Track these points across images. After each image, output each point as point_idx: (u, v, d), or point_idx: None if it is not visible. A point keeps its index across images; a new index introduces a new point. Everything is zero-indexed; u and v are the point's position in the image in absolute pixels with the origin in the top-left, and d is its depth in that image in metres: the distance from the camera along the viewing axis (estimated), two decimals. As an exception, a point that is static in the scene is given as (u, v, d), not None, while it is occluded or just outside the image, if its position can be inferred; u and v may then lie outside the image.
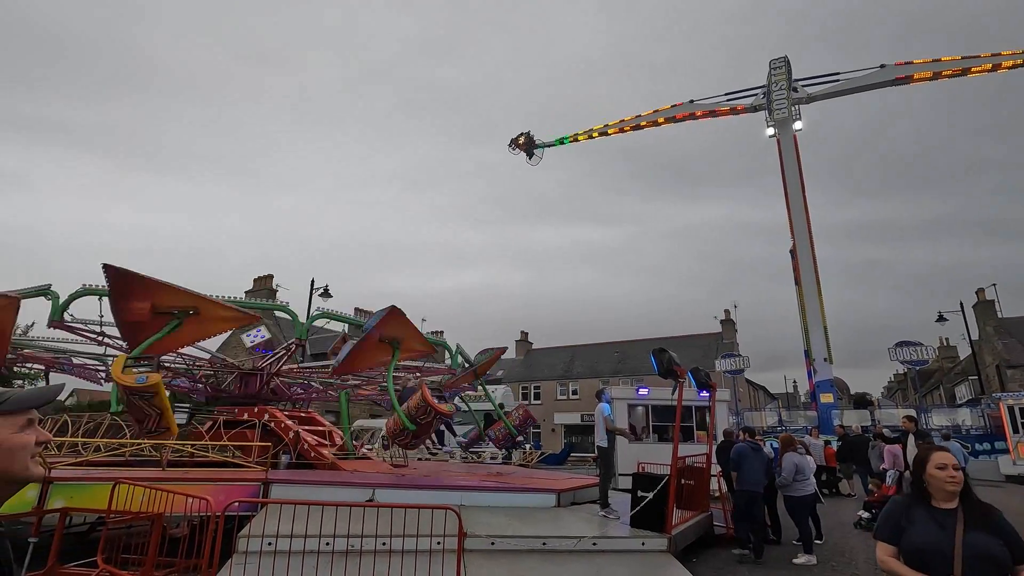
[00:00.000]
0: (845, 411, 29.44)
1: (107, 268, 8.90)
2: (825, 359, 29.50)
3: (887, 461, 11.81)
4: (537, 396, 51.39)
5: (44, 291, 10.01)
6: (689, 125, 38.14)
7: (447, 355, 14.65)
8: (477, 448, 20.38)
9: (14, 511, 6.80)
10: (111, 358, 12.27)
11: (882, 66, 32.54)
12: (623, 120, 39.98)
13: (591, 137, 41.49)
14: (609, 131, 40.39)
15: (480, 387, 15.79)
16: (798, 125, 33.63)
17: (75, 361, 13.41)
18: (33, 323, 21.72)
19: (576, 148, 42.54)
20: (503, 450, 17.90)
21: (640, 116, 39.12)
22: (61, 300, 9.89)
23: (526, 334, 59.78)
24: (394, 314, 10.27)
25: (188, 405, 11.85)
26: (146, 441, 10.29)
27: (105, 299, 9.48)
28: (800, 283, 31.54)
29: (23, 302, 9.78)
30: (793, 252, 32.46)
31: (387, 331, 10.60)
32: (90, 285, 9.85)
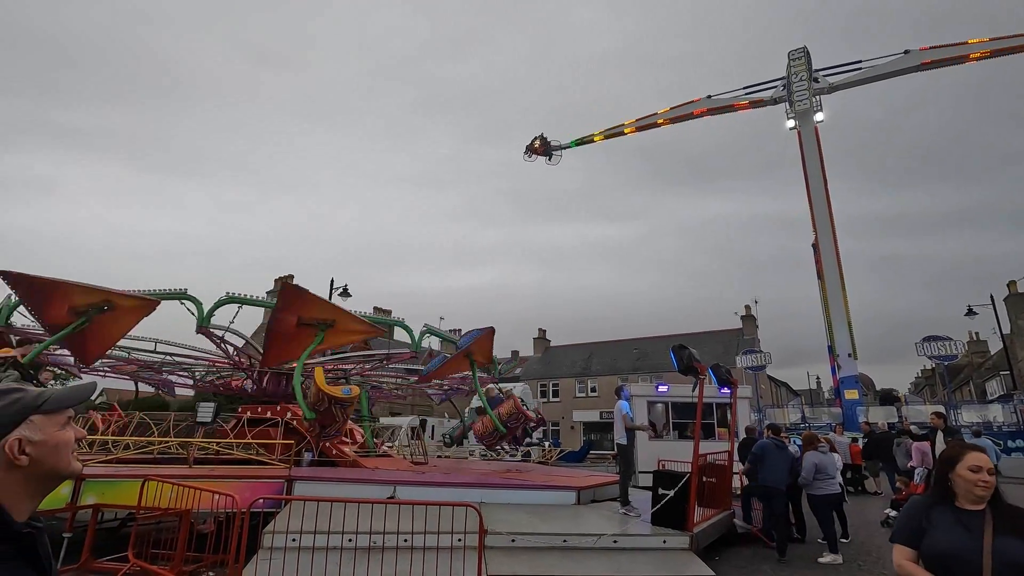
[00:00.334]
0: (871, 407, 28.85)
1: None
2: (849, 355, 28.92)
3: (915, 459, 11.55)
4: (556, 394, 51.32)
5: (183, 296, 9.99)
6: (706, 120, 37.61)
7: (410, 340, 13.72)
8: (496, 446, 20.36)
9: (49, 507, 7.01)
10: (200, 365, 12.61)
11: (906, 52, 31.69)
12: (639, 119, 39.48)
13: (607, 138, 41.05)
14: (625, 131, 39.85)
15: (495, 374, 14.87)
16: (819, 116, 32.97)
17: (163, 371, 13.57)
18: None
19: (590, 146, 42.13)
20: (493, 449, 17.49)
21: (656, 114, 38.64)
22: (206, 308, 9.97)
23: (544, 331, 59.76)
24: (489, 334, 10.74)
25: (213, 403, 12.05)
26: (172, 439, 10.55)
27: (242, 308, 10.14)
28: (823, 277, 30.94)
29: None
30: (815, 246, 31.86)
31: (305, 313, 10.10)
32: (233, 293, 10.18)
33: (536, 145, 42.20)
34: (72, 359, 11.78)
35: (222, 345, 11.39)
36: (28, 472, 1.19)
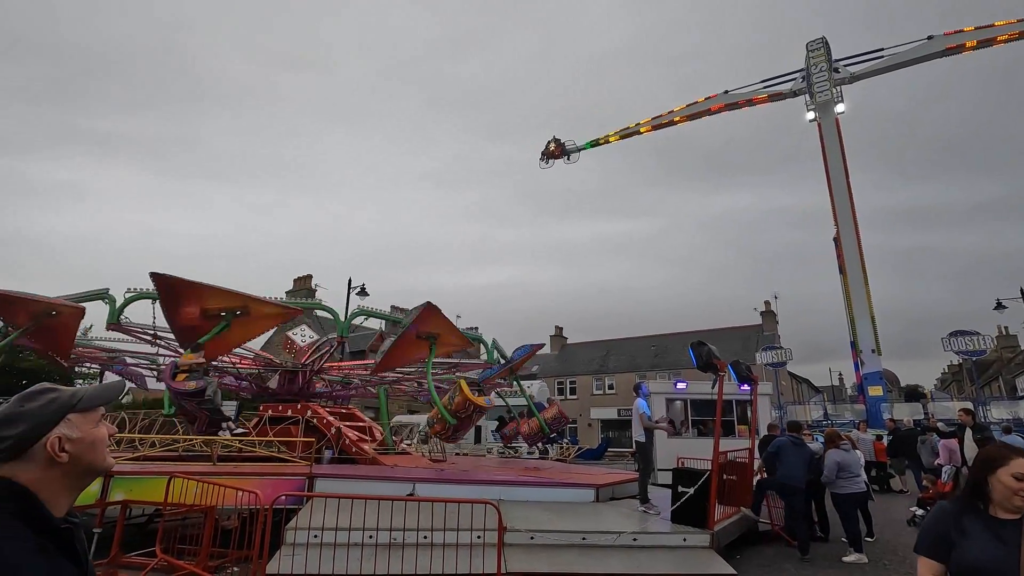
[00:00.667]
0: (895, 404, 28.28)
1: (155, 277, 9.31)
2: (873, 350, 28.36)
3: (942, 456, 11.30)
4: (573, 391, 51.22)
5: (102, 295, 10.64)
6: (722, 115, 37.04)
7: (483, 350, 14.66)
8: (514, 443, 20.41)
9: (81, 503, 7.18)
10: (163, 359, 12.87)
11: (930, 37, 30.81)
12: (654, 118, 38.86)
13: (622, 137, 40.49)
14: (641, 130, 39.22)
15: (515, 383, 15.78)
16: (840, 108, 32.30)
17: (129, 361, 14.09)
18: (92, 325, 22.86)
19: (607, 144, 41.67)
20: (534, 447, 17.84)
21: (673, 112, 38.05)
22: (117, 304, 10.44)
23: (560, 328, 59.63)
24: (430, 310, 10.40)
25: (236, 402, 12.31)
26: (196, 437, 10.76)
27: (157, 302, 9.95)
28: (845, 272, 30.38)
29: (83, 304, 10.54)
30: (837, 240, 31.28)
31: (424, 327, 10.77)
32: (140, 289, 10.34)
33: (552, 148, 41.80)
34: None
35: (144, 338, 11.54)
36: (66, 469, 1.23)
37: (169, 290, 9.51)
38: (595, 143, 41.78)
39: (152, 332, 10.95)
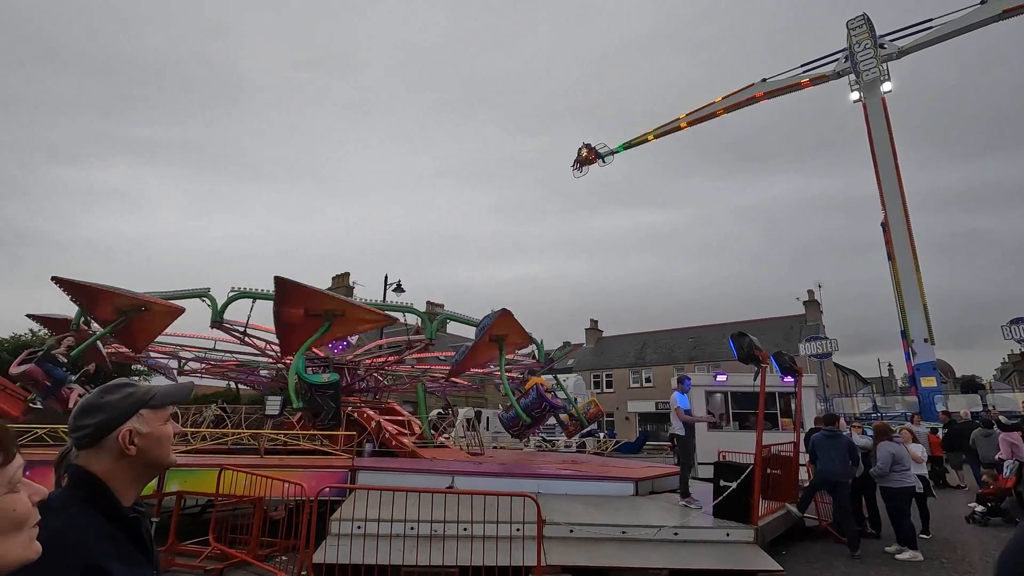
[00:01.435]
0: (951, 396, 26.98)
1: (278, 280, 9.85)
2: (925, 340, 27.10)
3: (1004, 450, 10.74)
4: (609, 384, 50.85)
5: (203, 294, 10.94)
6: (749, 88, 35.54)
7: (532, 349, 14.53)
8: (551, 437, 20.45)
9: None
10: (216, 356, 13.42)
11: (983, 1, 28.85)
12: (691, 112, 37.51)
13: (658, 136, 39.08)
14: (682, 125, 37.87)
15: (554, 378, 16.01)
16: (887, 86, 30.79)
17: (187, 358, 14.62)
18: None
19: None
20: (573, 439, 17.92)
21: (713, 103, 36.72)
22: (219, 304, 10.82)
23: (595, 322, 59.22)
24: (505, 316, 10.89)
25: (279, 396, 12.70)
26: (244, 431, 11.16)
27: (255, 302, 10.73)
28: (894, 258, 29.07)
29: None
30: (885, 225, 29.96)
31: (496, 331, 11.31)
32: (239, 289, 10.88)
33: (584, 155, 40.89)
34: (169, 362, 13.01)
35: (240, 338, 12.05)
36: (133, 461, 1.29)
37: (284, 292, 10.02)
38: (629, 144, 40.50)
39: (242, 330, 11.50)
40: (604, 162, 41.07)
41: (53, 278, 9.78)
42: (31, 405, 10.13)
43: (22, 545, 0.88)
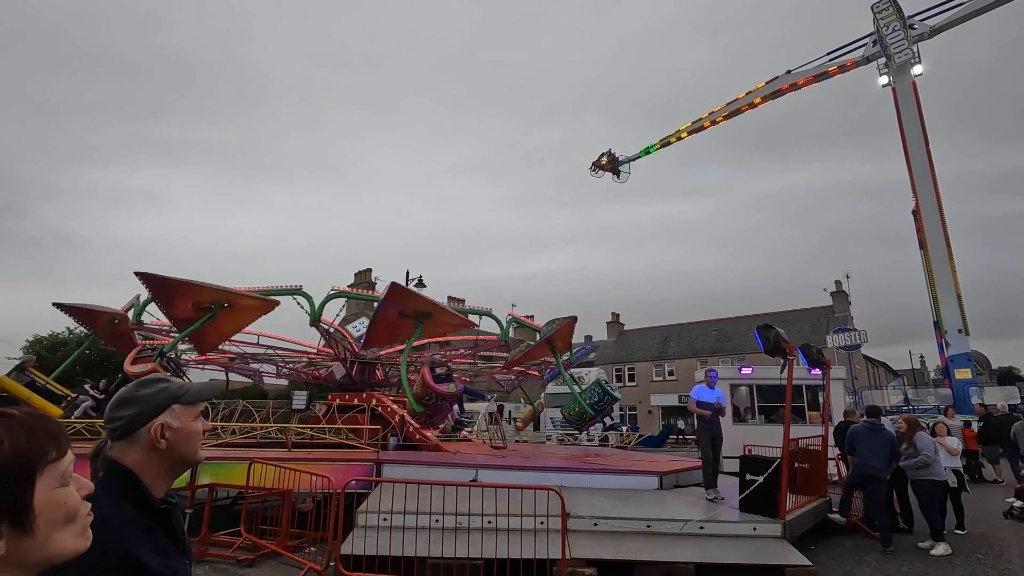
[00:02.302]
0: (986, 388, 26.13)
1: (140, 275, 9.76)
2: (960, 330, 26.24)
3: (1045, 444, 10.37)
4: (631, 378, 50.51)
5: (297, 292, 11.08)
6: (773, 82, 34.43)
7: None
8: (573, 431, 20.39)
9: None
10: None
11: (1019, -32, 27.39)
12: (714, 111, 36.11)
13: (680, 138, 37.68)
14: (705, 125, 36.59)
15: (558, 365, 15.46)
16: (918, 69, 29.71)
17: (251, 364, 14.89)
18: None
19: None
20: (581, 432, 17.78)
21: (736, 101, 35.23)
22: (317, 303, 11.06)
23: (617, 315, 58.78)
24: (395, 289, 10.49)
25: (305, 391, 12.96)
26: (272, 425, 11.39)
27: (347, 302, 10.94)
28: (926, 247, 28.17)
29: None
30: (916, 212, 29.04)
31: (406, 306, 10.73)
32: (339, 288, 11.35)
33: (603, 161, 39.89)
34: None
35: (328, 337, 12.29)
36: (163, 455, 1.33)
37: (157, 287, 10.01)
38: (648, 150, 39.10)
39: (169, 328, 11.65)
40: (618, 178, 40.04)
41: (136, 273, 9.81)
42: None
43: (74, 537, 0.91)
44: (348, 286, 41.70)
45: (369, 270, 42.20)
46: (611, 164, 39.82)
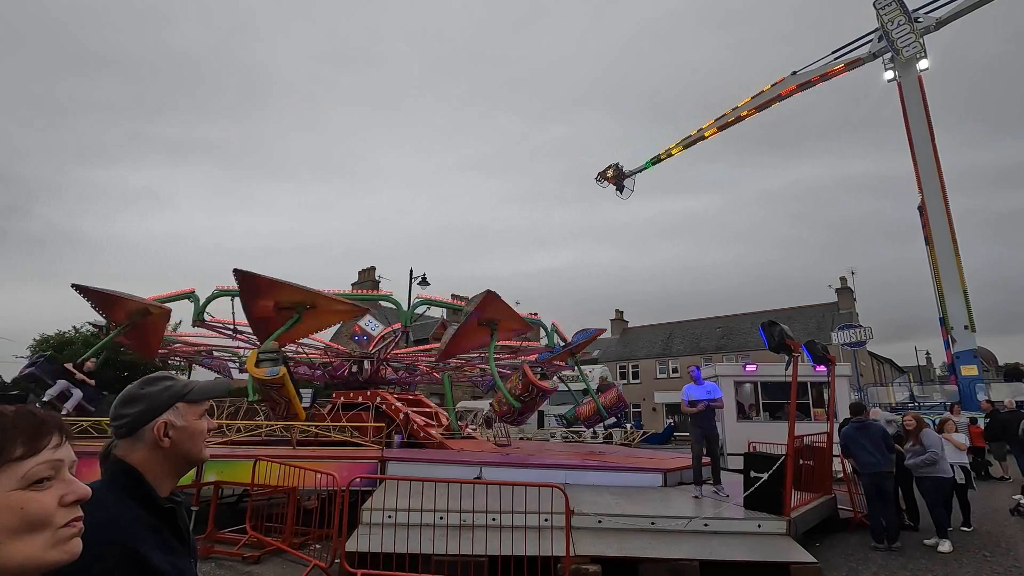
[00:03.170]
0: (993, 385, 25.98)
1: (237, 272, 9.90)
2: (966, 327, 26.09)
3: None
4: (635, 375, 50.50)
5: (188, 295, 11.52)
6: (779, 84, 34.09)
7: (542, 334, 14.83)
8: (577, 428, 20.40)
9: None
10: (245, 352, 13.74)
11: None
12: (718, 119, 35.73)
13: (686, 147, 37.30)
14: (706, 134, 36.27)
15: (575, 367, 15.94)
16: (923, 64, 29.49)
17: (215, 355, 15.11)
18: (180, 321, 24.62)
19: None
20: (595, 430, 17.92)
21: (737, 108, 34.90)
22: (201, 303, 11.29)
23: (621, 312, 58.79)
24: (490, 297, 10.62)
25: (311, 389, 13.03)
26: (278, 423, 11.43)
27: (236, 299, 10.61)
28: (932, 243, 28.00)
29: (169, 304, 11.58)
30: (922, 208, 28.86)
31: (485, 314, 11.11)
32: (222, 288, 11.11)
33: (609, 174, 39.61)
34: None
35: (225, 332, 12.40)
36: (168, 453, 1.32)
37: (248, 285, 10.09)
38: (656, 160, 38.79)
39: (232, 327, 11.70)
40: (621, 194, 39.78)
41: (235, 271, 9.91)
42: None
43: (41, 548, 0.80)
44: (352, 284, 41.88)
45: (373, 268, 42.30)
46: (616, 178, 39.43)
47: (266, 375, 9.44)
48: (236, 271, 9.91)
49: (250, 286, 10.12)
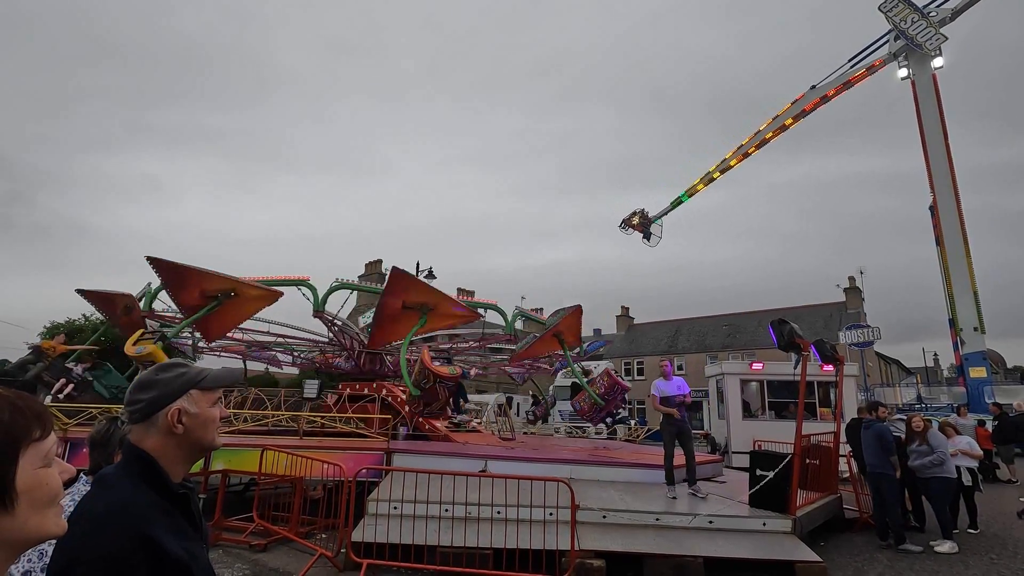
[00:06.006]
0: (1002, 387, 25.77)
1: (151, 260, 9.71)
2: (975, 329, 25.88)
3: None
4: (640, 372, 50.38)
5: (302, 283, 11.19)
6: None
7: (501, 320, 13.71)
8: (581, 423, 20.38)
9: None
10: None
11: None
12: (741, 145, 34.75)
13: (711, 181, 35.86)
14: (732, 163, 35.12)
15: (569, 363, 15.37)
16: (938, 61, 29.09)
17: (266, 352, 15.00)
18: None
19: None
20: (591, 423, 17.61)
21: (759, 132, 34.06)
22: (320, 294, 11.17)
23: (627, 309, 58.61)
24: (396, 276, 10.40)
25: (317, 380, 13.05)
26: (284, 412, 11.50)
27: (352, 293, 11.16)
28: (943, 243, 27.73)
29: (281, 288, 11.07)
30: (933, 208, 28.57)
31: (408, 298, 10.73)
32: (343, 280, 11.39)
33: (635, 222, 37.74)
34: (189, 343, 13.28)
35: (332, 328, 12.28)
36: (180, 440, 1.33)
37: (169, 275, 10.02)
38: (681, 200, 37.08)
39: (340, 322, 11.96)
40: (648, 241, 37.78)
41: (148, 258, 9.78)
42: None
43: (54, 519, 0.88)
44: (359, 276, 41.99)
45: (379, 261, 42.37)
46: (642, 225, 37.49)
47: (136, 352, 9.57)
48: (149, 258, 9.66)
49: (172, 276, 10.00)
